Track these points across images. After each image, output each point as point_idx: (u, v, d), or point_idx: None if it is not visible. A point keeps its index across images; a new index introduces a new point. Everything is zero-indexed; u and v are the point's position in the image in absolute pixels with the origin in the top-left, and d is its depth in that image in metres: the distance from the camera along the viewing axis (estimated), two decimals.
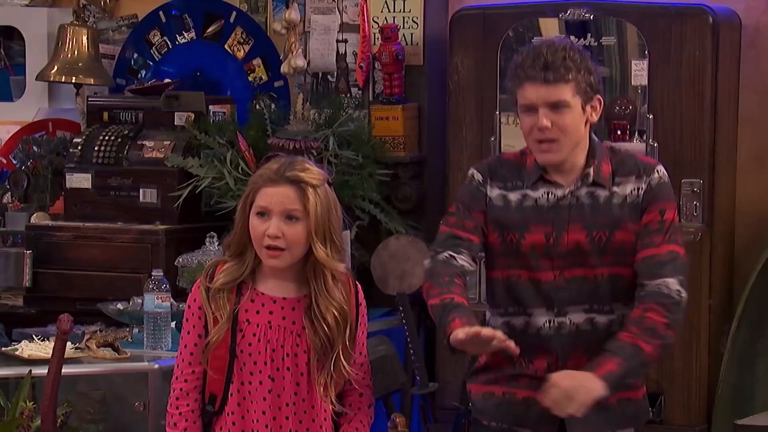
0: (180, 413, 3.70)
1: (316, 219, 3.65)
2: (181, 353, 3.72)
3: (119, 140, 5.94)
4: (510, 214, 3.90)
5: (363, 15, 5.94)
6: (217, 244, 5.46)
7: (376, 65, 5.96)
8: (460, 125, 5.71)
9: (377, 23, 5.95)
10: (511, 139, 5.58)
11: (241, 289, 3.70)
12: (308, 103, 5.91)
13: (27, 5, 6.42)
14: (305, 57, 5.99)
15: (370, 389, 3.87)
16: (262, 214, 3.64)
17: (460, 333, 3.62)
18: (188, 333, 3.71)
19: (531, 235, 3.87)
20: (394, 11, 5.99)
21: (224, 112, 6.01)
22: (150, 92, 6.08)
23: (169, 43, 6.33)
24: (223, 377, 3.67)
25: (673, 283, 3.81)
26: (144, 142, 5.93)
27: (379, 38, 5.92)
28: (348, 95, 6.00)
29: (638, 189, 3.89)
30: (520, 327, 3.91)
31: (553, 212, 3.87)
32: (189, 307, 3.72)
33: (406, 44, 5.94)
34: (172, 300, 5.03)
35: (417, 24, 5.97)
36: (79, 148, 5.97)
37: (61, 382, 4.42)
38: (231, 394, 3.68)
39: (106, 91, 6.32)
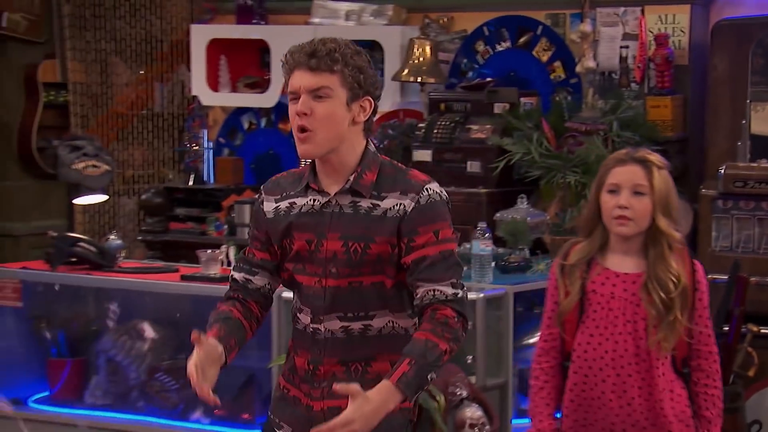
0: (541, 368, 3.47)
1: (659, 193, 3.35)
2: (543, 318, 3.49)
3: (452, 125, 6.02)
4: (279, 224, 3.13)
5: (641, 26, 5.94)
6: (525, 203, 5.47)
7: (650, 65, 5.93)
8: (717, 111, 5.68)
9: (652, 33, 5.94)
10: (760, 123, 5.56)
11: (591, 265, 3.41)
12: (596, 95, 5.93)
13: (386, 24, 6.49)
14: (595, 60, 6.01)
15: (716, 362, 3.44)
16: (613, 190, 3.35)
17: (190, 360, 2.98)
18: (548, 301, 3.47)
19: (297, 242, 3.11)
20: (666, 23, 5.97)
21: (532, 103, 6.04)
22: (475, 88, 6.13)
23: (490, 50, 6.38)
24: (573, 339, 3.41)
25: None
26: (471, 126, 5.98)
27: (654, 44, 5.90)
28: (628, 89, 5.97)
29: (402, 205, 3.03)
30: (295, 319, 3.19)
31: (315, 219, 3.10)
32: (549, 279, 3.48)
33: (675, 48, 5.91)
34: (493, 245, 5.03)
35: (684, 33, 5.95)
36: (423, 130, 6.07)
37: None
38: (574, 350, 3.41)
39: (443, 88, 6.37)
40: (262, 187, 3.23)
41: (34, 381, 5.51)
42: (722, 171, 5.43)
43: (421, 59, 6.26)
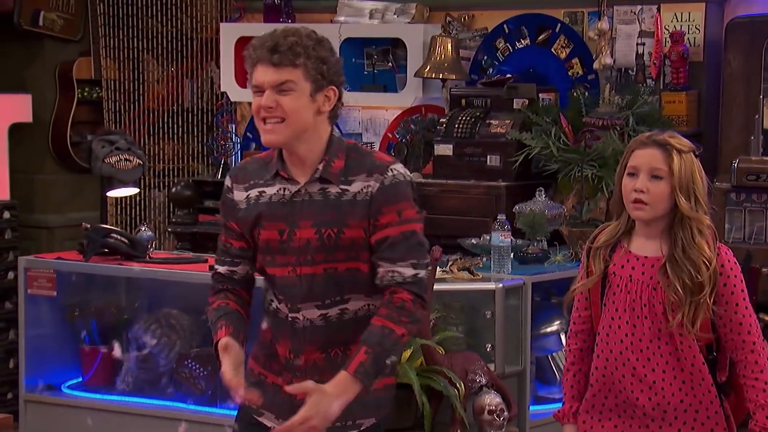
0: (570, 350, 3.37)
1: (679, 177, 3.17)
2: (574, 302, 3.38)
3: (473, 120, 6.00)
4: (250, 212, 3.08)
5: (657, 24, 5.91)
6: (543, 196, 5.46)
7: (666, 62, 5.90)
8: (731, 106, 5.66)
9: (668, 30, 5.91)
10: None
11: (615, 248, 3.28)
12: (613, 91, 5.90)
13: (409, 22, 6.48)
14: (612, 56, 5.98)
15: (761, 354, 3.19)
16: (632, 173, 3.22)
17: (225, 368, 2.99)
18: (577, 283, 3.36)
19: (266, 231, 3.07)
20: (681, 21, 5.94)
21: (550, 99, 6.03)
22: (495, 84, 6.12)
23: (510, 47, 6.35)
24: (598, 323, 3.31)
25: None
26: (491, 121, 5.97)
27: (669, 41, 5.88)
28: (644, 85, 5.94)
29: (369, 187, 3.03)
30: (273, 308, 3.15)
31: (287, 208, 3.06)
32: (580, 264, 3.38)
33: (690, 45, 5.88)
34: (511, 237, 5.05)
35: (699, 30, 5.92)
36: (444, 125, 6.04)
37: (433, 295, 4.44)
38: (599, 334, 3.30)
39: (464, 84, 6.36)
40: (229, 174, 3.16)
41: (67, 368, 5.54)
42: (735, 165, 5.43)
43: (442, 56, 6.23)
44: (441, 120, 6.13)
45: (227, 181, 3.16)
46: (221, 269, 3.20)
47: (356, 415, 3.06)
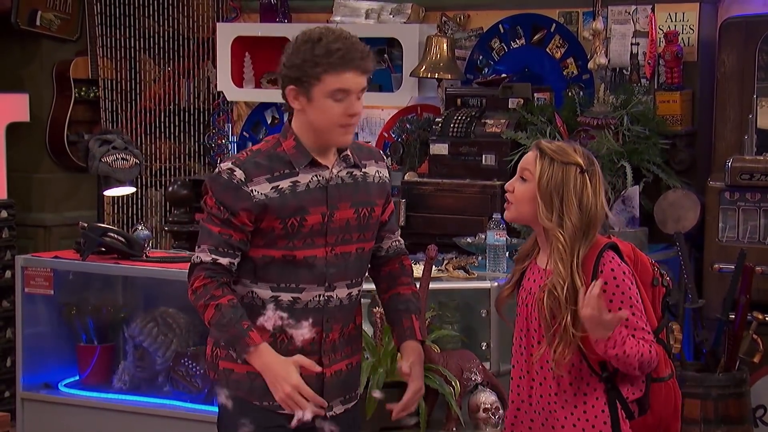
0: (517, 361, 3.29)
1: (541, 182, 3.07)
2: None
3: (468, 119, 6.00)
4: (286, 202, 3.15)
5: (651, 24, 5.91)
6: None
7: (660, 62, 5.89)
8: (725, 106, 5.65)
9: (662, 30, 5.91)
10: (766, 118, 5.50)
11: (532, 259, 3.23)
12: (608, 91, 5.88)
13: (405, 22, 6.47)
14: (606, 56, 5.96)
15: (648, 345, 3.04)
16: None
17: (299, 381, 3.10)
18: None
19: (311, 216, 3.17)
20: (675, 21, 5.94)
21: (545, 98, 6.01)
22: (491, 84, 6.12)
23: (505, 47, 6.35)
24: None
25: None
26: (486, 121, 5.97)
27: (663, 41, 5.87)
28: (638, 84, 5.93)
29: (380, 172, 3.32)
30: (287, 302, 3.20)
31: (325, 192, 3.19)
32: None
33: (684, 45, 5.88)
34: (507, 235, 5.07)
35: (693, 30, 5.91)
36: (440, 125, 6.05)
37: (428, 294, 4.46)
38: (513, 344, 3.27)
39: (459, 84, 6.35)
40: (236, 168, 3.16)
41: (64, 366, 5.52)
42: (729, 164, 5.42)
43: (438, 56, 6.23)
44: (436, 119, 6.12)
45: (237, 175, 3.15)
46: (223, 260, 3.20)
47: (355, 388, 3.37)
